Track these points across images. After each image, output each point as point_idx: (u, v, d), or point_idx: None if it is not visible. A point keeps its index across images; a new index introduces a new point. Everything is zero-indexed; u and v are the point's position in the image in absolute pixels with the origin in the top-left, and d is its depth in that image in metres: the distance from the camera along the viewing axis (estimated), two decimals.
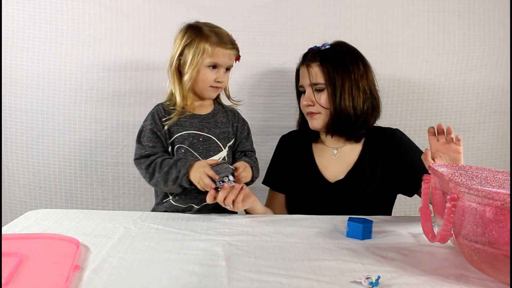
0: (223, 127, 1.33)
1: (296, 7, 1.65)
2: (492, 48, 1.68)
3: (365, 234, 1.05)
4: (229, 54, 1.27)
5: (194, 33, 1.25)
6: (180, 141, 1.27)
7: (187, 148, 1.27)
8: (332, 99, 1.29)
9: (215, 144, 1.30)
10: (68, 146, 1.67)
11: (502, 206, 0.74)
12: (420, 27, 1.67)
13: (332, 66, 1.29)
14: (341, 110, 1.29)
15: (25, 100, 1.65)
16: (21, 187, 1.70)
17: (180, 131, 1.28)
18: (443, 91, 1.70)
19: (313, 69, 1.31)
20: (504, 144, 1.73)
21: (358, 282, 0.79)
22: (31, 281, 0.78)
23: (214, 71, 1.26)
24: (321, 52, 1.32)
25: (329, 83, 1.29)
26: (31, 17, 1.61)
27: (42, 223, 1.12)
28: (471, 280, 0.82)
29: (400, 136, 1.36)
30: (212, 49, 1.24)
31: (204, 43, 1.23)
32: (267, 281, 0.80)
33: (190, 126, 1.29)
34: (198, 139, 1.29)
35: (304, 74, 1.34)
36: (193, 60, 1.23)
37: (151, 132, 1.27)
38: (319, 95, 1.31)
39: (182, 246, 0.97)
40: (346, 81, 1.29)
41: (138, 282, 0.79)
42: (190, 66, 1.24)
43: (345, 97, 1.28)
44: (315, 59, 1.31)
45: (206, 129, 1.30)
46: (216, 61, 1.25)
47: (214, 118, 1.33)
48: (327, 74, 1.29)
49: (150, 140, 1.26)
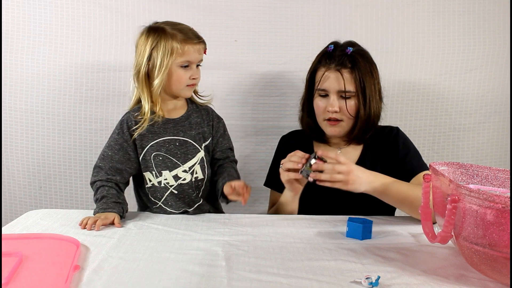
0: (198, 128, 1.30)
1: (296, 7, 1.65)
2: (492, 48, 1.68)
3: (365, 234, 1.05)
4: (198, 49, 1.24)
5: (158, 35, 1.21)
6: (156, 148, 1.25)
7: (164, 155, 1.25)
8: (362, 107, 1.27)
9: (192, 146, 1.28)
10: (68, 146, 1.67)
11: (503, 209, 0.74)
12: (420, 27, 1.67)
13: (362, 73, 1.26)
14: (368, 118, 1.28)
15: (25, 100, 1.65)
16: (21, 187, 1.70)
17: (154, 138, 1.25)
18: (443, 91, 1.69)
19: (345, 75, 1.25)
20: (504, 144, 1.73)
21: (358, 282, 0.79)
22: (31, 281, 0.78)
23: (187, 69, 1.23)
24: (349, 56, 1.26)
25: (360, 91, 1.26)
26: (31, 17, 1.61)
27: (42, 223, 1.12)
28: (471, 280, 0.83)
29: (396, 132, 1.36)
30: (181, 47, 1.20)
31: (172, 43, 1.19)
32: (267, 281, 0.80)
33: (165, 132, 1.26)
34: (175, 144, 1.26)
35: (332, 79, 1.27)
36: (163, 62, 1.19)
37: (115, 142, 1.26)
38: (346, 102, 1.27)
39: (182, 246, 0.97)
40: (373, 88, 1.28)
41: (138, 282, 0.79)
42: (160, 70, 1.20)
43: (372, 104, 1.28)
44: (345, 64, 1.26)
45: (182, 132, 1.27)
46: (188, 58, 1.22)
47: (188, 120, 1.30)
48: (358, 81, 1.25)
49: (112, 152, 1.25)
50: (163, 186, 1.26)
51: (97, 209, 1.16)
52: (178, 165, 1.26)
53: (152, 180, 1.27)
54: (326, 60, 1.29)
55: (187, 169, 1.27)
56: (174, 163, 1.26)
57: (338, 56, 1.27)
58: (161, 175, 1.26)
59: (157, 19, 1.61)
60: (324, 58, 1.30)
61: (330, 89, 1.28)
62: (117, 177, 1.24)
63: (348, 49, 1.27)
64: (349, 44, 1.31)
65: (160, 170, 1.25)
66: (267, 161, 1.47)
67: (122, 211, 1.17)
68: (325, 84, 1.28)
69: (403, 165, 1.30)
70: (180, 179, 1.26)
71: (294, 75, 1.66)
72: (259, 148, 1.69)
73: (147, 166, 1.26)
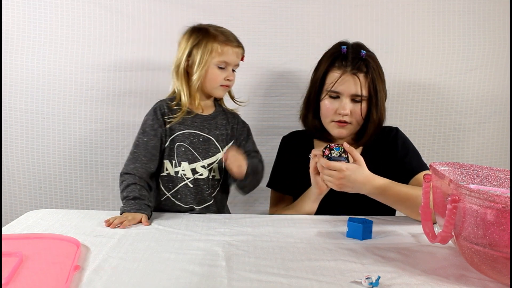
0: (223, 129, 1.34)
1: (296, 7, 1.65)
2: (492, 48, 1.68)
3: (365, 234, 1.05)
4: (236, 52, 1.30)
5: (201, 34, 1.28)
6: (181, 139, 1.29)
7: (187, 147, 1.28)
8: (374, 111, 1.28)
9: (214, 145, 1.31)
10: (68, 146, 1.67)
11: (503, 209, 0.74)
12: (420, 27, 1.67)
13: (375, 77, 1.27)
14: (379, 121, 1.30)
15: (25, 100, 1.65)
16: (21, 187, 1.70)
17: (182, 129, 1.29)
18: (443, 91, 1.70)
19: (361, 80, 1.26)
20: (504, 144, 1.73)
21: (358, 282, 0.79)
22: (31, 281, 0.78)
23: (222, 70, 1.29)
24: (364, 60, 1.27)
25: (373, 95, 1.27)
26: (31, 17, 1.61)
27: (42, 223, 1.12)
28: (471, 280, 0.82)
29: (396, 133, 1.36)
30: (221, 47, 1.26)
31: (212, 43, 1.26)
32: (267, 281, 0.80)
33: (192, 125, 1.30)
34: (199, 139, 1.30)
35: (349, 82, 1.26)
36: (202, 60, 1.26)
37: (151, 127, 1.28)
38: (358, 105, 1.28)
39: (182, 246, 0.97)
40: (383, 92, 1.30)
41: (138, 282, 0.79)
42: (199, 66, 1.26)
43: (382, 108, 1.30)
44: (361, 69, 1.26)
45: (207, 129, 1.31)
46: (225, 59, 1.28)
47: (215, 119, 1.34)
48: (371, 85, 1.27)
49: (148, 138, 1.27)
50: (179, 176, 1.29)
51: (129, 208, 1.16)
52: (198, 160, 1.29)
53: (169, 170, 1.29)
54: (341, 62, 1.28)
55: (206, 166, 1.29)
56: (194, 157, 1.29)
57: (354, 60, 1.27)
58: (180, 165, 1.28)
59: (157, 19, 1.63)
60: (339, 60, 1.28)
61: (344, 92, 1.27)
62: (151, 164, 1.26)
63: (362, 53, 1.27)
64: (360, 46, 1.31)
65: (180, 161, 1.28)
66: (267, 161, 1.47)
67: (151, 213, 1.19)
68: (340, 87, 1.27)
69: (403, 165, 1.30)
70: (197, 174, 1.29)
71: (294, 75, 1.66)
72: (259, 148, 1.68)
73: (169, 155, 1.29)
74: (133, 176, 1.23)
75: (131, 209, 1.16)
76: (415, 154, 1.33)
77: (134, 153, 1.27)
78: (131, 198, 1.18)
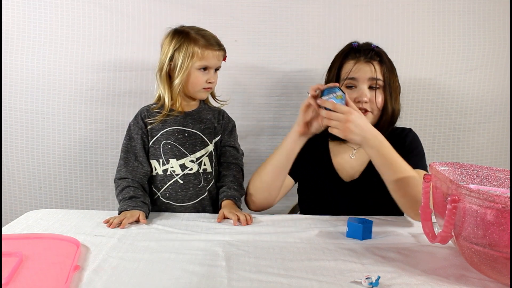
0: (208, 123, 1.35)
1: (296, 7, 1.65)
2: (492, 48, 1.68)
3: (365, 234, 1.05)
4: (217, 55, 1.31)
5: (182, 38, 1.29)
6: (166, 137, 1.30)
7: (173, 144, 1.30)
8: (389, 101, 1.28)
9: (200, 139, 1.32)
10: (68, 146, 1.67)
11: (503, 209, 0.74)
12: (420, 27, 1.67)
13: (388, 68, 1.29)
14: (392, 113, 1.30)
15: (25, 100, 1.65)
16: (21, 187, 1.70)
17: (165, 127, 1.31)
18: (443, 91, 1.70)
19: (375, 66, 1.28)
20: (504, 144, 1.73)
21: (358, 282, 0.79)
22: (31, 281, 0.78)
23: (204, 73, 1.30)
24: (376, 52, 1.30)
25: (388, 84, 1.28)
26: (31, 17, 1.61)
27: (42, 223, 1.12)
28: (471, 280, 0.83)
29: (408, 132, 1.36)
30: (202, 52, 1.28)
31: (193, 47, 1.27)
32: (267, 281, 0.80)
33: (174, 122, 1.31)
34: (184, 134, 1.31)
35: (363, 68, 1.28)
36: (183, 64, 1.27)
37: (135, 132, 1.31)
38: (375, 93, 1.28)
39: (182, 246, 0.97)
40: (396, 84, 1.31)
41: (138, 282, 0.79)
42: (180, 70, 1.27)
43: (397, 100, 1.31)
44: (374, 58, 1.28)
45: (191, 124, 1.33)
46: (206, 63, 1.29)
47: (198, 114, 1.35)
48: (386, 74, 1.28)
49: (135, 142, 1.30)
50: (168, 174, 1.30)
51: (125, 206, 1.18)
52: (186, 155, 1.30)
53: (157, 169, 1.30)
54: (354, 54, 1.30)
55: (194, 160, 1.31)
56: (182, 152, 1.30)
57: (366, 50, 1.30)
58: (168, 162, 1.30)
59: (157, 19, 1.63)
60: (352, 52, 1.31)
61: (361, 78, 1.28)
62: (142, 167, 1.28)
63: (373, 45, 1.31)
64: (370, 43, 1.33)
65: (168, 158, 1.30)
66: None
67: (148, 212, 1.21)
68: (356, 74, 1.28)
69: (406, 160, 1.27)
70: (187, 169, 1.30)
71: (294, 75, 1.66)
72: (259, 148, 1.69)
73: (155, 154, 1.31)
74: (126, 180, 1.25)
75: (128, 207, 1.17)
76: (419, 155, 1.32)
77: (124, 158, 1.29)
78: (127, 198, 1.20)
